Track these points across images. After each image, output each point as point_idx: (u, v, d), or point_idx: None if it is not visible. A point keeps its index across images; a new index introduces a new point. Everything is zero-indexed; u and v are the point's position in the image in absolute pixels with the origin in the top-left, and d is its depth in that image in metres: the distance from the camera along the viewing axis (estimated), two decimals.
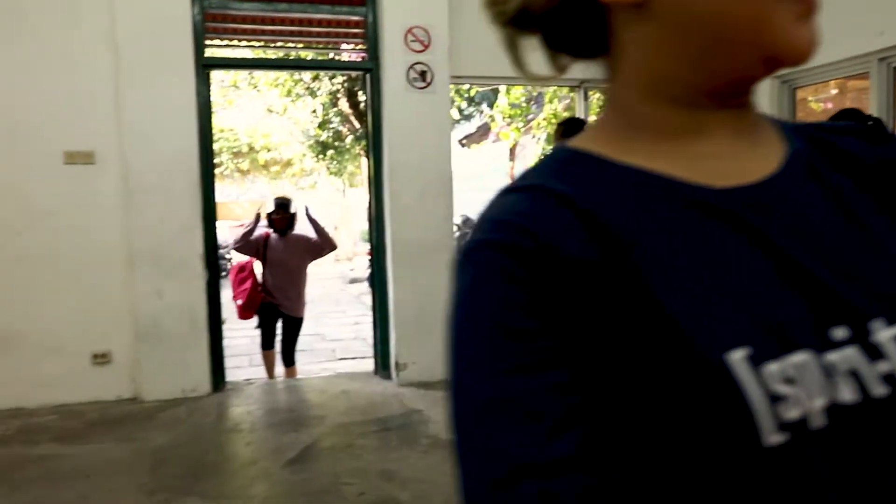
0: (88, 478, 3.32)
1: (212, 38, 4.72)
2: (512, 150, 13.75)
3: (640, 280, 0.46)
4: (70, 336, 4.52)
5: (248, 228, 5.25)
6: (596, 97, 5.46)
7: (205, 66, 4.57)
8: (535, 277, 0.47)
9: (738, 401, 0.43)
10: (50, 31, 4.38)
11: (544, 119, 7.23)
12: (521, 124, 7.50)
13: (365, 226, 19.05)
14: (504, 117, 7.36)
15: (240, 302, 5.21)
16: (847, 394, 0.44)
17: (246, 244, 5.21)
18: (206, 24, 4.59)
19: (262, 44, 4.92)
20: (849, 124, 0.63)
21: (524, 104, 7.22)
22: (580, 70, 2.79)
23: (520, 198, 0.53)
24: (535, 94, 7.41)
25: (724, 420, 0.43)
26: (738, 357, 0.44)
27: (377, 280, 5.03)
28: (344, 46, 5.16)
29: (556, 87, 6.96)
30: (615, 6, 0.53)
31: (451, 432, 0.48)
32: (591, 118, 5.27)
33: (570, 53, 0.64)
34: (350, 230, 20.94)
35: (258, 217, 5.26)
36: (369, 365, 6.07)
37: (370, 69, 4.86)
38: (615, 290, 0.47)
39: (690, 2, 0.50)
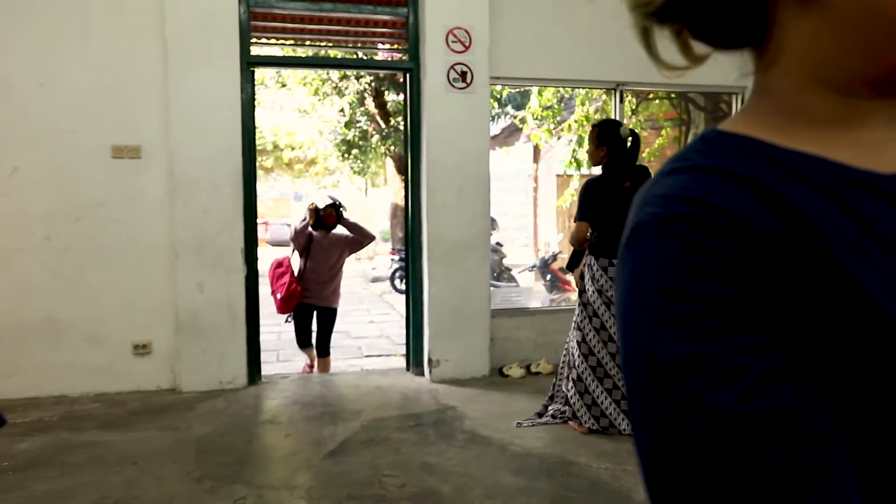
0: (136, 464, 3.39)
1: (257, 37, 4.80)
2: (536, 153, 13.76)
3: (830, 256, 0.50)
4: (113, 326, 4.62)
5: (304, 223, 5.45)
6: (628, 99, 5.47)
7: (249, 64, 4.65)
8: (729, 248, 0.50)
9: None
10: (100, 27, 4.48)
11: (575, 121, 7.25)
12: (552, 126, 7.53)
13: (387, 225, 19.13)
14: (535, 118, 7.39)
15: (279, 296, 5.31)
16: None
17: (298, 238, 5.44)
18: (252, 23, 4.68)
19: (305, 42, 4.97)
20: None
21: (556, 106, 7.25)
22: (617, 72, 2.91)
23: (696, 177, 0.55)
24: (567, 96, 7.42)
25: None
26: None
27: (412, 277, 5.08)
28: (384, 46, 5.22)
29: (587, 90, 6.97)
30: (791, 8, 0.55)
31: (640, 393, 0.51)
32: (626, 120, 5.28)
33: (715, 45, 0.65)
34: (372, 229, 21.11)
35: (312, 213, 5.42)
36: (396, 362, 6.13)
37: (410, 69, 4.91)
38: (804, 265, 0.50)
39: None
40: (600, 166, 3.89)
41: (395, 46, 5.06)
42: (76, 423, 4.05)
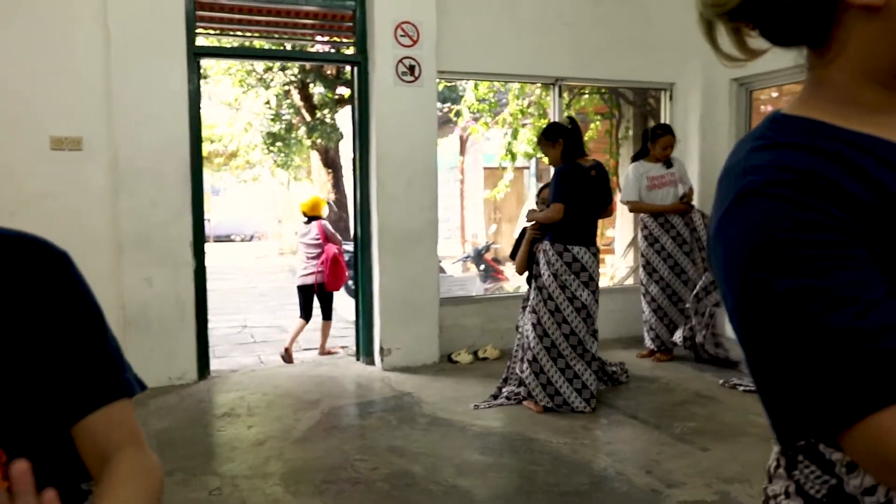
0: None
1: (203, 27, 4.73)
2: (462, 145, 13.96)
3: None
4: None
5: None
6: (574, 94, 5.72)
7: (196, 55, 4.59)
8: (828, 205, 0.64)
9: None
10: (40, 16, 4.31)
11: (510, 114, 7.47)
12: (489, 119, 7.72)
13: None
14: (471, 111, 7.57)
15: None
16: None
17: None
18: (198, 13, 4.61)
19: (250, 34, 4.94)
20: None
21: (492, 99, 7.45)
22: (557, 68, 3.18)
23: (784, 151, 0.69)
24: (502, 90, 7.63)
25: None
26: None
27: (361, 268, 5.14)
28: (322, 38, 5.24)
29: (521, 84, 7.19)
30: (853, 6, 0.70)
31: (762, 321, 0.64)
32: (565, 115, 5.52)
33: (776, 42, 0.80)
34: (294, 224, 20.77)
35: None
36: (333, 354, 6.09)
37: (359, 62, 4.97)
38: (886, 224, 0.65)
39: None
40: (560, 160, 4.10)
41: (343, 39, 5.09)
42: None
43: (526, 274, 4.30)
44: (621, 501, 2.86)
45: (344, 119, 14.04)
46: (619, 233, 7.55)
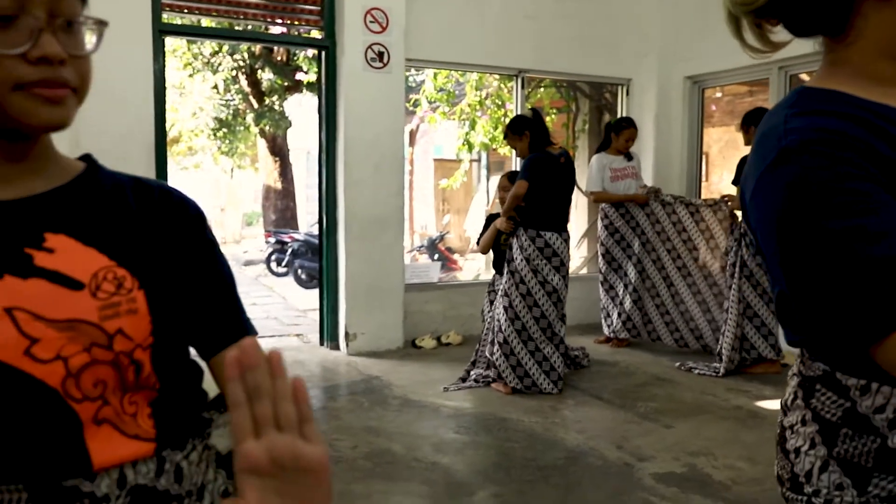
0: None
1: (169, 6, 4.63)
2: (412, 136, 13.99)
3: None
4: None
5: None
6: (532, 87, 5.85)
7: (161, 32, 4.49)
8: (860, 157, 0.75)
9: None
10: None
11: (468, 105, 7.56)
12: (446, 109, 7.80)
13: (256, 207, 18.60)
14: (430, 101, 7.63)
15: None
16: None
17: None
18: None
19: (217, 14, 4.85)
20: None
21: (451, 90, 7.53)
22: (520, 60, 3.38)
23: (818, 116, 0.81)
24: (461, 80, 7.71)
25: None
26: None
27: (326, 253, 5.14)
28: (280, 21, 5.20)
29: (480, 75, 7.29)
30: (870, 1, 0.81)
31: (799, 255, 0.76)
32: (527, 106, 5.65)
33: (799, 34, 0.92)
34: (237, 212, 20.37)
35: None
36: (289, 342, 6.04)
37: (326, 47, 4.96)
38: None
39: None
40: (528, 151, 4.21)
41: (311, 24, 5.06)
42: None
43: (485, 261, 4.42)
44: (597, 474, 2.99)
45: (294, 106, 13.90)
46: (574, 223, 7.74)
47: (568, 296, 4.28)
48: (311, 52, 7.33)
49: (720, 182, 8.02)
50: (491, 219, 4.43)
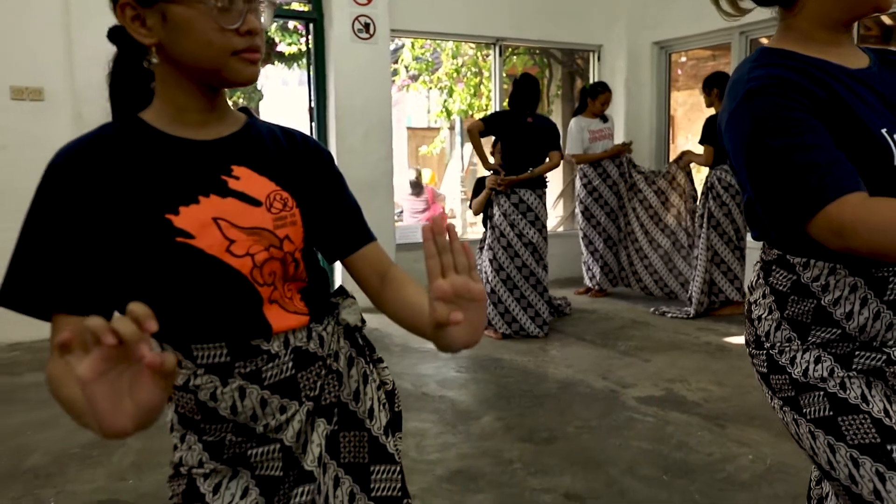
0: None
1: None
2: None
3: (846, 105, 1.10)
4: None
5: None
6: (507, 54, 6.11)
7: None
8: (802, 98, 1.08)
9: (886, 148, 1.08)
10: None
11: (446, 74, 7.80)
12: (427, 77, 8.03)
13: None
14: (408, 70, 7.85)
15: None
16: None
17: None
18: None
19: None
20: (892, 51, 1.31)
21: (429, 59, 7.76)
22: (497, 29, 3.90)
23: (773, 67, 1.13)
24: (438, 49, 7.93)
25: (881, 157, 1.07)
26: (884, 132, 1.09)
27: None
28: None
29: (456, 44, 7.53)
30: None
31: (758, 166, 1.08)
32: (504, 72, 5.94)
33: (760, 4, 1.25)
34: None
35: None
36: None
37: (314, 19, 5.16)
38: (833, 110, 1.09)
39: None
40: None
41: None
42: (6, 369, 4.02)
43: (480, 217, 4.74)
44: (588, 399, 3.37)
45: (265, 79, 13.91)
46: (551, 184, 8.08)
47: (548, 252, 4.62)
48: (291, 23, 7.47)
49: (686, 144, 8.42)
50: (480, 182, 4.75)
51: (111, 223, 0.92)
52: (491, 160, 4.72)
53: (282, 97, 11.08)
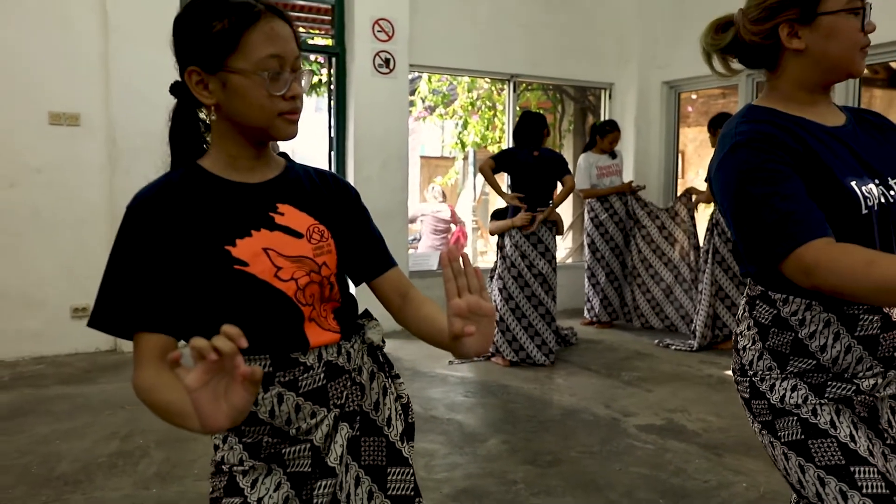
0: (124, 408, 3.69)
1: None
2: None
3: (819, 160, 1.26)
4: (50, 290, 4.71)
5: None
6: (521, 89, 6.32)
7: None
8: (781, 151, 1.24)
9: (854, 198, 1.23)
10: None
11: (460, 106, 8.04)
12: (443, 110, 8.27)
13: None
14: (424, 102, 8.10)
15: None
16: (881, 198, 1.26)
17: None
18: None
19: None
20: (867, 110, 1.47)
21: (445, 91, 8.01)
22: (512, 65, 4.18)
23: (757, 124, 1.29)
24: (454, 82, 8.18)
25: (850, 206, 1.23)
26: (853, 184, 1.24)
27: None
28: (313, 31, 5.64)
29: (472, 79, 7.77)
30: (789, 49, 1.31)
31: (741, 211, 1.23)
32: (518, 106, 6.14)
33: (748, 66, 1.42)
34: None
35: None
36: None
37: (337, 53, 5.40)
38: (808, 163, 1.25)
39: (824, 52, 1.29)
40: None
41: (325, 32, 5.51)
42: (32, 381, 4.18)
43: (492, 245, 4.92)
44: (591, 426, 3.49)
45: None
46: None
47: (557, 283, 4.77)
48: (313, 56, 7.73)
49: (696, 179, 8.58)
50: (498, 214, 4.93)
51: (180, 255, 1.09)
52: (505, 190, 4.91)
53: (301, 122, 11.38)
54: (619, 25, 6.42)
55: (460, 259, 0.99)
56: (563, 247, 7.89)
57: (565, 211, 8.12)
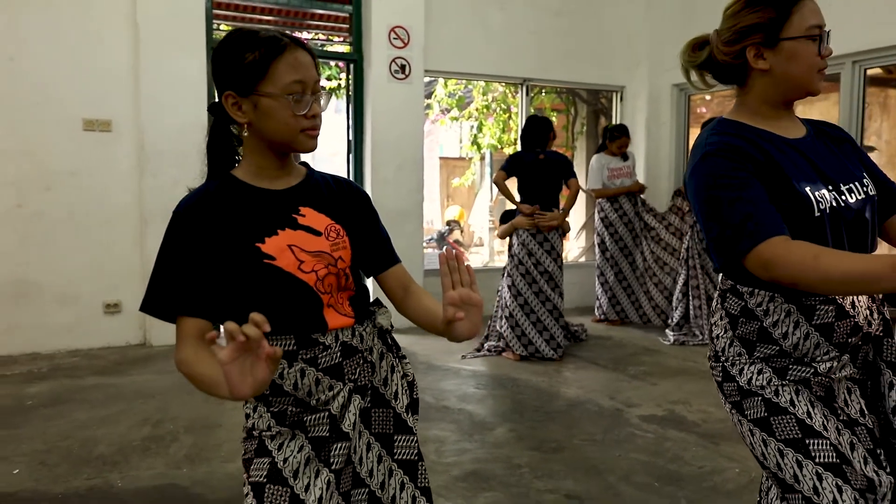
0: (154, 397, 3.92)
1: (217, 24, 5.29)
2: None
3: (779, 168, 1.43)
4: (83, 287, 4.97)
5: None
6: (535, 92, 6.48)
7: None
8: (745, 160, 1.41)
9: (808, 202, 1.40)
10: (74, 7, 4.80)
11: (476, 109, 8.23)
12: (457, 113, 8.47)
13: None
14: (440, 105, 8.30)
15: None
16: (833, 203, 1.43)
17: None
18: (214, 12, 5.17)
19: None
20: (826, 123, 1.64)
21: (461, 95, 8.21)
22: (524, 70, 4.43)
23: (726, 136, 1.46)
24: (469, 86, 8.37)
25: (804, 209, 1.40)
26: (808, 189, 1.41)
27: None
28: (331, 38, 5.87)
29: (486, 83, 7.95)
30: (755, 69, 1.48)
31: (710, 212, 1.41)
32: (532, 108, 6.31)
33: (721, 81, 1.59)
34: None
35: None
36: None
37: (355, 60, 5.62)
38: (769, 171, 1.43)
39: (786, 73, 1.47)
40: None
41: (343, 39, 5.73)
42: (69, 372, 4.44)
43: (489, 252, 5.12)
44: (594, 416, 3.66)
45: None
46: (574, 217, 8.42)
47: (569, 281, 4.95)
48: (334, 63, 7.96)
49: None
50: (506, 215, 5.11)
51: (218, 251, 1.30)
52: (516, 197, 5.09)
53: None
54: (628, 29, 6.57)
55: (455, 258, 1.19)
56: (577, 246, 8.05)
57: (578, 211, 8.28)
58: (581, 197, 6.80)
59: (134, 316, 5.11)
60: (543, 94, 7.87)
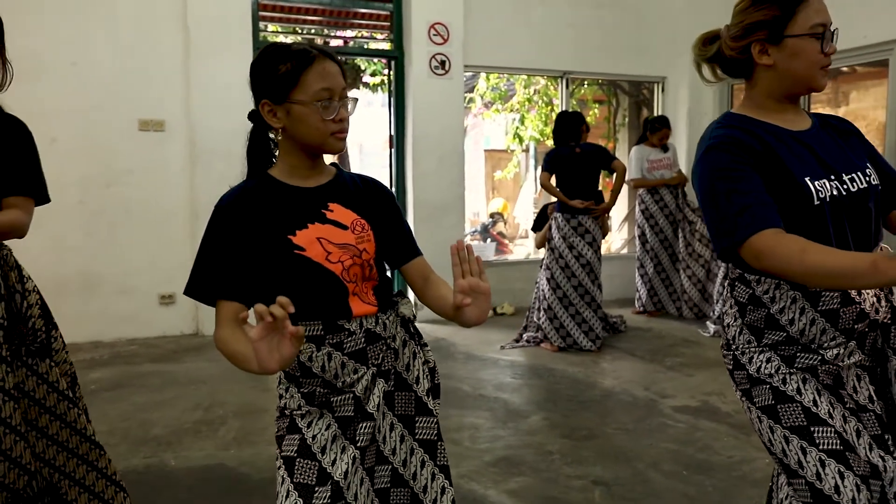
0: (205, 383, 4.14)
1: (264, 25, 5.48)
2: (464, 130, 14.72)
3: (779, 160, 1.49)
4: (140, 279, 5.25)
5: None
6: (575, 85, 6.51)
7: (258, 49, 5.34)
8: (745, 153, 1.47)
9: (807, 191, 1.46)
10: (129, 14, 5.05)
11: (518, 102, 8.28)
12: (500, 106, 8.55)
13: None
14: (483, 98, 8.38)
15: None
16: (834, 192, 1.48)
17: None
18: (260, 14, 5.36)
19: (304, 31, 5.70)
20: (833, 116, 1.68)
21: (503, 89, 8.28)
22: (563, 63, 4.50)
23: (730, 129, 1.52)
24: (511, 80, 8.42)
25: (803, 199, 1.45)
26: (807, 179, 1.47)
27: None
28: (373, 36, 6.01)
29: (528, 76, 7.99)
30: (760, 64, 1.54)
31: (709, 203, 1.47)
32: (567, 100, 6.34)
33: (729, 75, 1.65)
34: None
35: None
36: None
37: (396, 56, 5.74)
38: (768, 162, 1.48)
39: (789, 67, 1.52)
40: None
41: (385, 37, 5.86)
42: (128, 359, 4.71)
43: (533, 244, 5.18)
44: (627, 406, 3.72)
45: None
46: (616, 208, 8.40)
47: (609, 272, 4.99)
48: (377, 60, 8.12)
49: None
50: (541, 215, 5.18)
51: (253, 242, 1.43)
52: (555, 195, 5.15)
53: (366, 116, 11.95)
54: (670, 20, 6.53)
55: (465, 249, 1.30)
56: (619, 237, 8.04)
57: (620, 203, 8.25)
58: (623, 189, 6.79)
59: (187, 307, 5.36)
60: (585, 85, 7.87)
